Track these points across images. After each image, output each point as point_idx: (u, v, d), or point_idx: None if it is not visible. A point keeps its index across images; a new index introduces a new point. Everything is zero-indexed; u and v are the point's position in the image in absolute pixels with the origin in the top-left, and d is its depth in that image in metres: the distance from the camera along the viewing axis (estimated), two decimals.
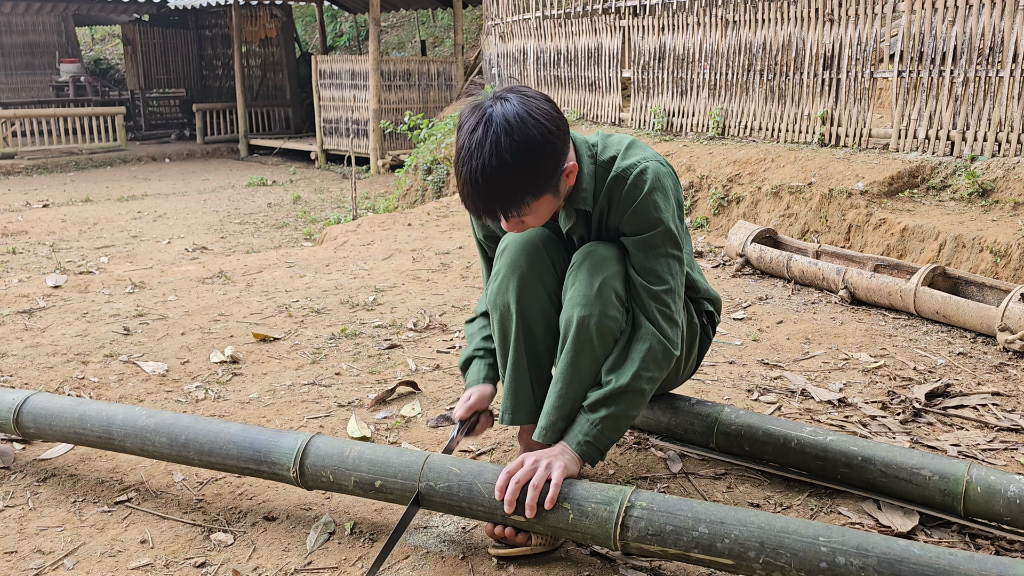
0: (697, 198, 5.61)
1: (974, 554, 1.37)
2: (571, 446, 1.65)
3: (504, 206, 1.57)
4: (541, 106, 1.56)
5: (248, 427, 1.87)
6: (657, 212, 1.67)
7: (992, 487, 1.71)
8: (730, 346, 3.08)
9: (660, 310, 1.68)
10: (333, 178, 11.92)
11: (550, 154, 1.55)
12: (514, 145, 1.50)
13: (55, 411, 2.01)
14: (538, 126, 1.53)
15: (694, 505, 1.51)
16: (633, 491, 1.55)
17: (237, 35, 15.09)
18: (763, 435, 1.98)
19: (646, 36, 6.99)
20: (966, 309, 3.17)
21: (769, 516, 1.48)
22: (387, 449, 1.74)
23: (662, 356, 1.68)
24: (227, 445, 1.83)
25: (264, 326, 3.38)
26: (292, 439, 1.80)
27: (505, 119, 1.51)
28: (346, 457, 1.74)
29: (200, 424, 1.89)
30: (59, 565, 1.70)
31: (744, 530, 1.45)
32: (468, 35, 15.53)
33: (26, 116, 13.28)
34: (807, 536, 1.42)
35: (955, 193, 4.59)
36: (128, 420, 1.93)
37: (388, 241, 5.42)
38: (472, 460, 1.72)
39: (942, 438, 2.27)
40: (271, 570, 1.67)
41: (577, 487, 1.58)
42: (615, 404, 1.67)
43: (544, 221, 1.68)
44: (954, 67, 4.84)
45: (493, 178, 1.52)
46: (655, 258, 1.68)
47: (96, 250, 6.70)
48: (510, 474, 1.58)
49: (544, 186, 1.58)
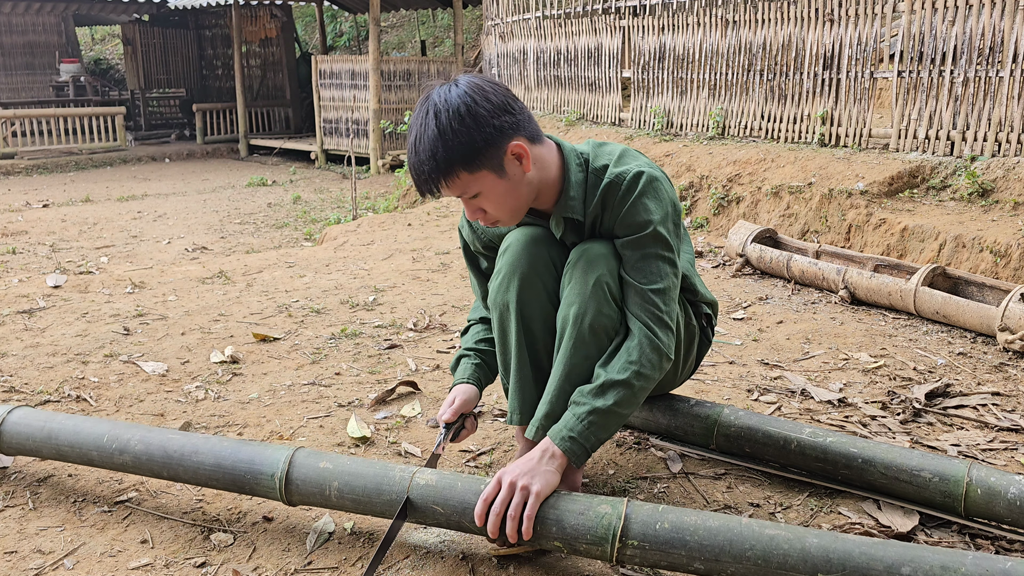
0: (697, 198, 5.61)
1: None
2: (555, 441, 1.61)
3: (434, 175, 1.60)
4: (481, 86, 1.61)
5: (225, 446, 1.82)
6: (647, 214, 1.67)
7: (992, 489, 1.71)
8: (730, 346, 3.08)
9: (650, 310, 1.67)
10: (333, 178, 11.92)
11: (474, 126, 1.57)
12: (440, 116, 1.57)
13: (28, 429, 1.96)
14: (465, 97, 1.58)
15: (691, 534, 1.44)
16: (621, 530, 1.47)
17: (237, 35, 15.09)
18: (763, 437, 1.98)
19: (646, 36, 6.99)
20: (966, 309, 3.17)
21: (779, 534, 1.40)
22: (366, 483, 1.67)
23: (653, 354, 1.66)
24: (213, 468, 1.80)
25: (264, 326, 3.38)
26: (274, 459, 1.75)
27: (439, 96, 1.60)
28: (328, 496, 1.70)
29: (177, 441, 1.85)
30: (59, 565, 1.70)
31: (740, 568, 1.40)
32: (468, 35, 15.54)
33: (26, 116, 13.28)
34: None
35: (955, 193, 4.59)
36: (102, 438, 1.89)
37: (388, 241, 5.42)
38: (457, 476, 1.65)
39: (942, 438, 2.27)
40: (271, 570, 1.67)
41: (565, 517, 1.51)
42: (602, 399, 1.63)
43: (508, 209, 1.68)
44: (954, 67, 4.84)
45: (422, 149, 1.59)
46: (645, 259, 1.68)
47: (96, 250, 6.70)
48: (487, 503, 1.55)
49: (476, 159, 1.58)
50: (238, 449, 1.80)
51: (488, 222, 1.71)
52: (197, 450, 1.81)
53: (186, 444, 1.83)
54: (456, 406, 1.85)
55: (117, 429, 1.90)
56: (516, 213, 1.71)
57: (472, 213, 1.70)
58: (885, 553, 1.36)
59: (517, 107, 1.64)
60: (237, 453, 1.78)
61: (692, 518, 1.47)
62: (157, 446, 1.84)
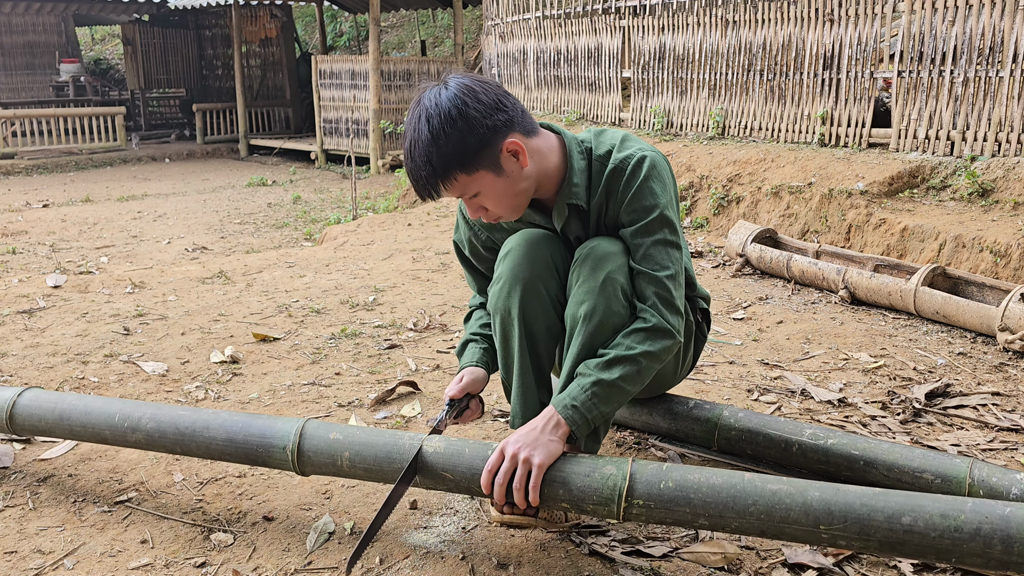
0: (697, 198, 5.61)
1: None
2: (557, 409, 1.60)
3: (431, 179, 1.60)
4: (471, 87, 1.61)
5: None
6: (654, 198, 1.68)
7: (994, 490, 1.73)
8: (730, 346, 3.08)
9: (659, 294, 1.67)
10: (333, 178, 11.92)
11: (467, 128, 1.57)
12: (432, 120, 1.57)
13: (40, 409, 1.99)
14: (455, 100, 1.58)
15: (695, 491, 1.47)
16: (626, 491, 1.50)
17: (237, 35, 15.09)
18: (764, 440, 1.99)
19: (646, 36, 6.99)
20: (966, 309, 3.17)
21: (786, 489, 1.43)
22: (377, 452, 1.70)
23: (662, 335, 1.65)
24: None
25: (264, 326, 3.38)
26: (285, 432, 1.79)
27: (429, 100, 1.60)
28: (340, 466, 1.73)
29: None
30: (59, 565, 1.70)
31: (744, 523, 1.44)
32: (468, 35, 15.54)
33: (26, 116, 13.28)
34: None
35: (955, 193, 4.59)
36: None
37: (388, 241, 5.42)
38: (465, 442, 1.67)
39: (942, 438, 2.27)
40: (271, 570, 1.67)
41: (571, 479, 1.53)
42: (608, 372, 1.62)
43: (508, 206, 1.68)
44: (954, 67, 4.84)
45: (417, 155, 1.60)
46: (653, 245, 1.69)
47: (96, 250, 6.70)
48: (491, 474, 1.56)
49: (471, 161, 1.59)
50: (248, 423, 1.82)
51: (490, 219, 1.72)
52: (208, 426, 1.83)
53: (197, 420, 1.85)
54: (464, 383, 1.85)
55: (128, 408, 1.92)
56: (518, 208, 1.71)
57: (474, 212, 1.70)
58: (886, 504, 1.38)
59: (509, 103, 1.65)
60: (248, 428, 1.81)
61: (695, 475, 1.49)
62: (168, 423, 1.86)
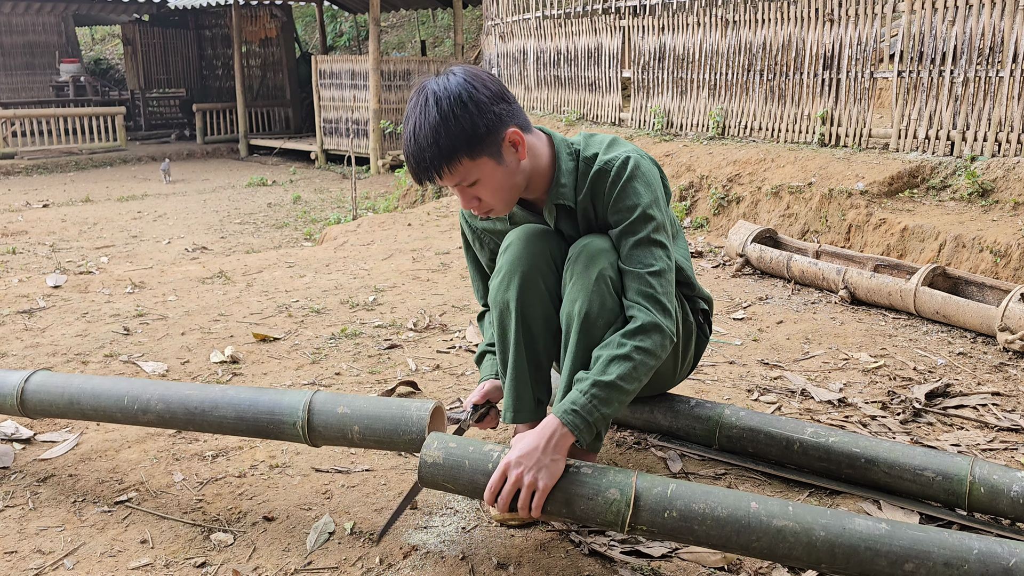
0: (697, 198, 5.61)
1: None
2: (557, 415, 1.60)
3: (436, 160, 1.60)
4: (478, 74, 1.63)
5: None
6: (637, 198, 1.70)
7: (995, 487, 1.74)
8: (730, 346, 3.08)
9: (644, 291, 1.68)
10: (333, 178, 11.92)
11: (476, 111, 1.59)
12: (440, 102, 1.59)
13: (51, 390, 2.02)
14: (465, 84, 1.60)
15: (699, 523, 1.46)
16: (630, 518, 1.48)
17: (237, 35, 15.09)
18: (765, 438, 2.00)
19: (646, 36, 6.99)
20: (966, 309, 3.17)
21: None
22: (385, 425, 1.76)
23: (653, 331, 1.65)
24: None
25: (264, 326, 3.38)
26: (293, 408, 1.82)
27: (436, 84, 1.62)
28: (351, 439, 1.78)
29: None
30: (59, 565, 1.70)
31: (747, 552, 1.45)
32: (468, 35, 15.54)
33: (26, 116, 13.28)
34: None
35: (955, 193, 4.59)
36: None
37: (388, 241, 5.42)
38: (465, 454, 1.64)
39: (942, 438, 2.27)
40: (271, 570, 1.67)
41: (574, 501, 1.52)
42: (604, 373, 1.61)
43: (503, 198, 1.70)
44: (954, 67, 4.84)
45: (422, 136, 1.60)
46: (637, 244, 1.70)
47: (96, 250, 6.70)
48: (493, 493, 1.55)
49: (478, 145, 1.61)
50: (256, 400, 1.84)
51: (482, 211, 1.73)
52: (216, 405, 1.86)
53: (205, 400, 1.87)
54: (485, 391, 1.93)
55: (135, 389, 1.94)
56: (510, 202, 1.73)
57: (467, 202, 1.71)
58: (890, 548, 1.38)
59: (510, 96, 1.69)
60: (256, 404, 1.83)
61: (700, 505, 1.47)
62: (177, 403, 1.88)
